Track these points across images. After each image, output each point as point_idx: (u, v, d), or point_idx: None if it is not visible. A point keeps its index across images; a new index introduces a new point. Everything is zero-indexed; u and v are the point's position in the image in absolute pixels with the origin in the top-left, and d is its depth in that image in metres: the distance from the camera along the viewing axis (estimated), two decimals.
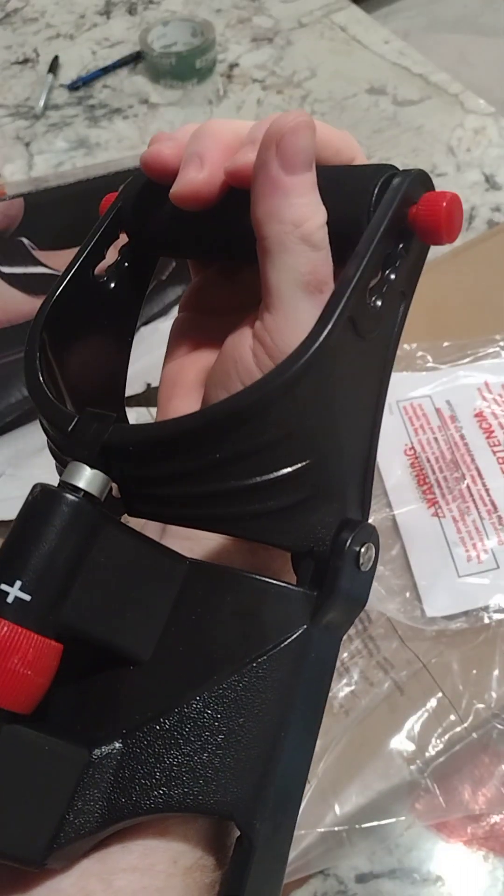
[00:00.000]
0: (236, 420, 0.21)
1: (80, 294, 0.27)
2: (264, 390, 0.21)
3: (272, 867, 0.23)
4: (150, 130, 0.86)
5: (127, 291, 0.29)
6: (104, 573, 0.22)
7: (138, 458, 0.22)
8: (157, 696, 0.22)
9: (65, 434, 0.23)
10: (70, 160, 0.83)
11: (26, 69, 0.94)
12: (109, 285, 0.29)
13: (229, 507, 0.22)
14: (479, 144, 0.82)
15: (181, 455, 0.22)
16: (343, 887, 0.42)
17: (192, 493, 0.22)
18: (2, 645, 0.20)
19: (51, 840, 0.21)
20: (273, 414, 0.21)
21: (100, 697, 0.23)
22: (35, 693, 0.21)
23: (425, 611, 0.48)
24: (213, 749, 0.21)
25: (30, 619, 0.20)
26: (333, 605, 0.23)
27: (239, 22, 0.98)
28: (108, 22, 0.99)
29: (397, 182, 0.23)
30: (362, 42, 0.95)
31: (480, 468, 0.54)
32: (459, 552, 0.50)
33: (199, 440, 0.21)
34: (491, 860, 0.43)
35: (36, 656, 0.20)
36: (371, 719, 0.45)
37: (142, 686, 0.22)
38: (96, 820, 0.21)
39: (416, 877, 0.42)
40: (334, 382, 0.22)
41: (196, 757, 0.21)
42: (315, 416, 0.22)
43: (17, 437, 0.58)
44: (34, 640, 0.20)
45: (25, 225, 0.54)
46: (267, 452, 0.21)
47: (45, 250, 0.55)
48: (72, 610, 0.21)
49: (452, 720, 0.45)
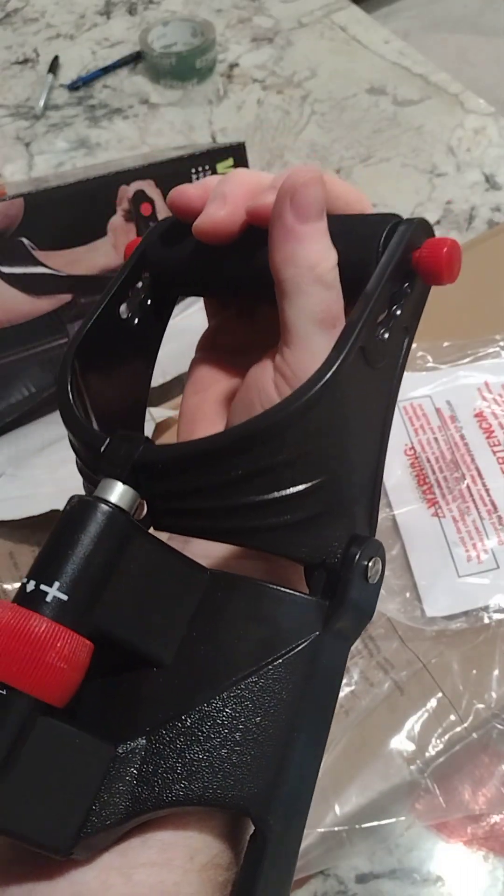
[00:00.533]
0: (257, 440, 0.23)
1: (107, 329, 0.30)
2: (283, 413, 0.23)
3: (283, 864, 0.24)
4: (150, 130, 0.86)
5: (149, 326, 0.32)
6: (134, 579, 0.23)
7: (166, 475, 0.24)
8: (178, 696, 0.23)
9: (97, 453, 0.25)
10: (70, 160, 0.83)
11: (26, 69, 0.94)
12: (133, 321, 0.31)
13: (248, 520, 0.24)
14: (480, 144, 0.82)
15: (206, 471, 0.23)
16: (343, 887, 0.42)
17: (215, 507, 0.24)
18: (41, 639, 0.21)
19: (78, 829, 0.22)
20: (290, 434, 0.23)
21: (125, 697, 0.24)
22: (69, 687, 0.22)
23: (425, 611, 0.48)
24: (231, 746, 0.23)
25: (66, 617, 0.22)
26: (344, 614, 0.24)
27: (239, 22, 0.98)
28: (109, 22, 0.99)
29: (402, 229, 0.26)
30: (362, 42, 0.95)
31: (480, 468, 0.54)
32: (459, 552, 0.50)
33: (223, 457, 0.23)
34: (491, 860, 0.43)
35: (71, 652, 0.21)
36: (371, 719, 0.45)
37: (164, 687, 0.24)
38: (121, 812, 0.22)
39: (416, 877, 0.42)
40: (346, 407, 0.24)
41: (215, 753, 0.23)
42: (328, 437, 0.24)
43: (17, 437, 0.58)
44: (70, 637, 0.21)
45: (25, 225, 0.54)
46: (284, 470, 0.23)
47: (45, 250, 0.55)
48: (103, 611, 0.22)
49: (452, 720, 0.45)
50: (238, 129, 0.85)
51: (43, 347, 0.56)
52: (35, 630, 0.21)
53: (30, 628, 0.21)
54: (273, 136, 0.84)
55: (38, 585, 0.22)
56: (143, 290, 0.32)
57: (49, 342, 0.57)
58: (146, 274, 0.31)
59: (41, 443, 0.57)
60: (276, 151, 0.82)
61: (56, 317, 0.56)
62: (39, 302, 0.55)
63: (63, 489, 0.54)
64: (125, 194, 0.58)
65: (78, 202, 0.56)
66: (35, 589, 0.22)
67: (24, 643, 0.21)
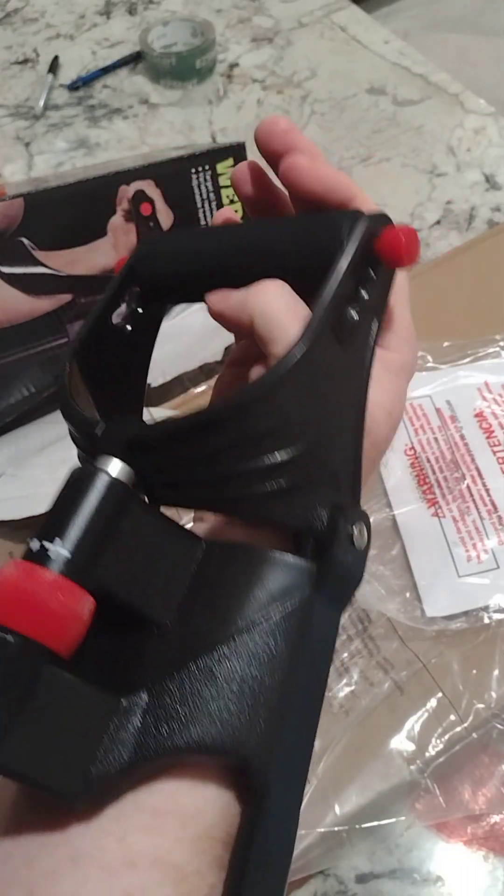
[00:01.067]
0: (240, 410, 0.25)
1: (102, 337, 0.33)
2: (261, 385, 0.25)
3: (283, 826, 0.25)
4: (150, 131, 0.86)
5: (142, 331, 0.35)
6: (133, 543, 0.25)
7: (158, 449, 0.26)
8: (178, 653, 0.25)
9: (93, 436, 0.27)
10: (70, 160, 0.83)
11: (26, 69, 0.94)
12: (126, 328, 0.34)
13: (236, 489, 0.26)
14: (479, 144, 0.82)
15: (194, 443, 0.25)
16: (343, 887, 0.42)
17: (205, 478, 0.26)
18: (48, 590, 0.23)
19: (84, 776, 0.23)
20: (269, 405, 0.25)
21: (126, 655, 0.26)
22: (74, 637, 0.24)
23: (425, 611, 0.48)
24: (228, 696, 0.24)
25: (70, 571, 0.23)
26: (332, 574, 0.26)
27: (239, 22, 0.98)
28: (108, 22, 0.99)
29: (363, 219, 0.29)
30: (362, 42, 0.95)
31: (480, 468, 0.54)
32: (459, 552, 0.50)
33: (209, 429, 0.25)
34: (491, 860, 0.43)
35: (76, 602, 0.23)
36: (371, 719, 0.45)
37: (164, 645, 0.25)
38: (124, 760, 0.24)
39: (416, 877, 0.42)
40: (320, 378, 0.26)
41: (213, 703, 0.24)
42: (305, 407, 0.26)
43: (17, 437, 0.58)
44: (75, 590, 0.23)
45: (25, 225, 0.54)
46: (265, 439, 0.25)
47: (45, 250, 0.55)
48: (105, 570, 0.24)
49: (452, 720, 0.45)
50: (238, 129, 0.85)
51: (43, 347, 0.56)
52: (41, 580, 0.23)
53: (37, 579, 0.23)
54: None
55: (43, 543, 0.24)
56: (133, 301, 0.34)
57: (49, 342, 0.57)
58: (136, 288, 0.34)
59: (41, 443, 0.57)
60: None
61: (56, 317, 0.56)
62: (39, 302, 0.55)
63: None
64: (125, 194, 0.58)
65: (78, 202, 0.56)
66: (40, 547, 0.24)
67: (31, 593, 0.23)
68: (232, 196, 0.62)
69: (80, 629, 0.24)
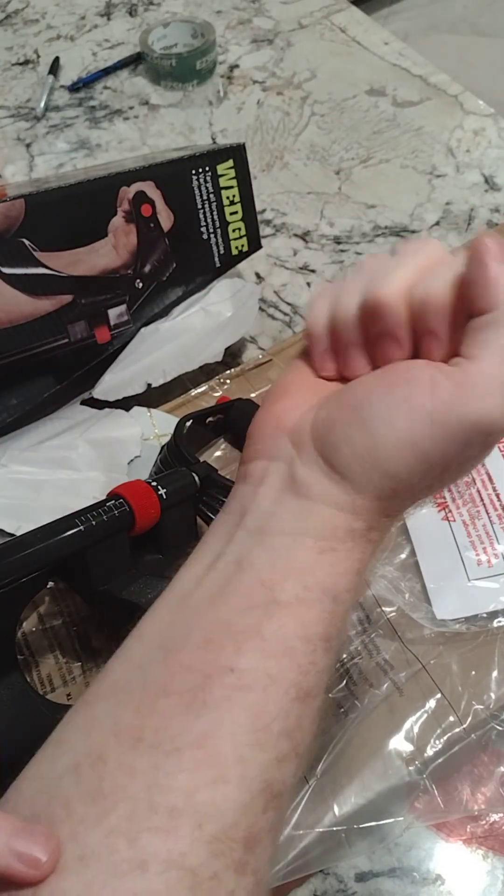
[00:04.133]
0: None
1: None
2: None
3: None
4: (150, 132, 0.86)
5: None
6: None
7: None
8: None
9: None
10: (71, 161, 0.83)
11: (27, 70, 0.94)
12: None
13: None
14: (479, 145, 0.82)
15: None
16: (343, 886, 0.42)
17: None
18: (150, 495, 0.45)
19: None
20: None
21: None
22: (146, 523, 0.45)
23: (435, 613, 0.48)
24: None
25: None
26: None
27: (239, 23, 0.98)
28: (109, 23, 1.00)
29: None
30: (362, 43, 0.95)
31: (490, 472, 0.54)
32: (470, 556, 0.50)
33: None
34: (490, 859, 0.43)
35: (156, 511, 0.45)
36: (370, 720, 0.45)
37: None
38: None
39: (415, 875, 0.42)
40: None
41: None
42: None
43: (17, 437, 0.58)
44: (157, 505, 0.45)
45: (26, 226, 0.54)
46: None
47: (45, 251, 0.55)
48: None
49: (451, 721, 0.45)
50: (238, 131, 0.85)
51: (43, 348, 0.56)
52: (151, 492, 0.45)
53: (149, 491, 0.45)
54: (273, 137, 0.84)
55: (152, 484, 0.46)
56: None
57: (49, 342, 0.57)
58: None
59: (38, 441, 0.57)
60: (276, 153, 0.82)
61: (56, 317, 0.56)
62: (40, 302, 0.55)
63: (63, 489, 0.54)
64: (126, 195, 0.58)
65: (79, 203, 0.56)
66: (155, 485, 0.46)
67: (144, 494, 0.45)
68: (232, 197, 0.62)
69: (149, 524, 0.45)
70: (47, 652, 0.48)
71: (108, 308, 0.59)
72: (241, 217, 0.63)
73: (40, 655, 0.48)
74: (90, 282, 0.57)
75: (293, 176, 0.80)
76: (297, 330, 0.67)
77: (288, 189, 0.79)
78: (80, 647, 0.48)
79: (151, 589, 0.43)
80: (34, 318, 0.55)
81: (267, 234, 0.75)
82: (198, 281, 0.63)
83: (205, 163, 0.60)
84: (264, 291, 0.70)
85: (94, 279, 0.57)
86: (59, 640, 0.48)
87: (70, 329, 0.57)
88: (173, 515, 0.46)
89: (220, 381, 0.60)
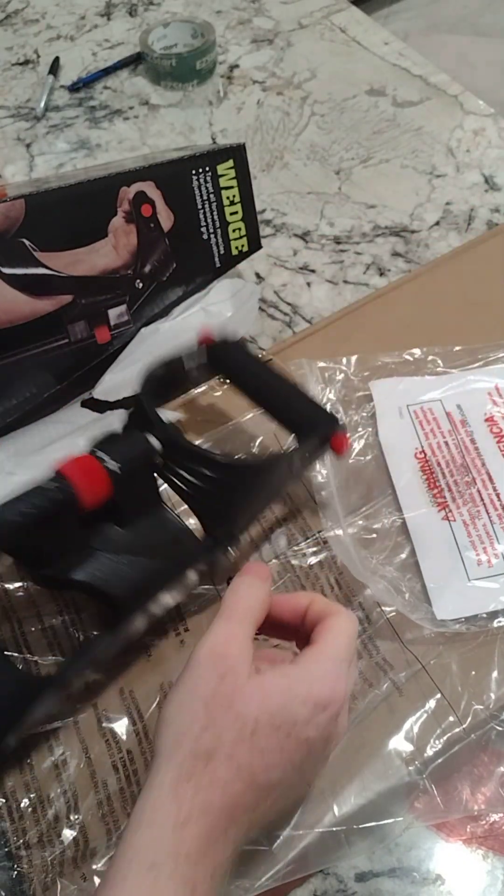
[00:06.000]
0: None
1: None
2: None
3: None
4: (150, 132, 0.86)
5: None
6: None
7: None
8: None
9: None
10: (71, 161, 0.83)
11: (27, 70, 0.94)
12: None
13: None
14: (479, 145, 0.82)
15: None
16: (343, 886, 0.42)
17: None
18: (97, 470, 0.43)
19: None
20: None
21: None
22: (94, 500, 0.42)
23: (435, 613, 0.48)
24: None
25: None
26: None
27: (239, 23, 0.98)
28: (109, 23, 1.00)
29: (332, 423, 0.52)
30: (362, 43, 0.95)
31: (491, 472, 0.54)
32: (470, 556, 0.50)
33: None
34: (490, 859, 0.43)
35: (103, 486, 0.43)
36: (370, 720, 0.45)
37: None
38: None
39: (415, 875, 0.42)
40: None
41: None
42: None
43: (18, 437, 0.58)
44: (106, 479, 0.43)
45: (26, 226, 0.54)
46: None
47: (45, 251, 0.55)
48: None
49: (451, 721, 0.45)
50: (238, 131, 0.85)
51: (43, 348, 0.56)
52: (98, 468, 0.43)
53: (96, 466, 0.43)
54: (273, 137, 0.84)
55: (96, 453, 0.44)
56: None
57: (49, 342, 0.57)
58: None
59: (42, 443, 0.57)
60: (276, 153, 0.82)
61: (57, 317, 0.56)
62: (40, 302, 0.55)
63: None
64: (126, 195, 0.58)
65: (79, 203, 0.56)
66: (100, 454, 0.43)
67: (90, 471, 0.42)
68: (232, 197, 0.62)
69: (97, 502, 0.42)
70: (47, 652, 0.48)
71: (108, 308, 0.59)
72: (242, 217, 0.63)
73: (40, 655, 0.48)
74: (90, 282, 0.57)
75: (293, 176, 0.80)
76: (297, 330, 0.67)
77: (288, 189, 0.79)
78: (80, 646, 0.48)
79: (102, 569, 0.42)
80: (34, 318, 0.55)
81: (267, 234, 0.75)
82: (198, 281, 0.63)
83: (205, 163, 0.60)
84: (264, 291, 0.70)
85: (94, 279, 0.57)
86: (59, 640, 0.48)
87: (70, 329, 0.57)
88: (129, 486, 0.43)
89: (221, 380, 0.60)
